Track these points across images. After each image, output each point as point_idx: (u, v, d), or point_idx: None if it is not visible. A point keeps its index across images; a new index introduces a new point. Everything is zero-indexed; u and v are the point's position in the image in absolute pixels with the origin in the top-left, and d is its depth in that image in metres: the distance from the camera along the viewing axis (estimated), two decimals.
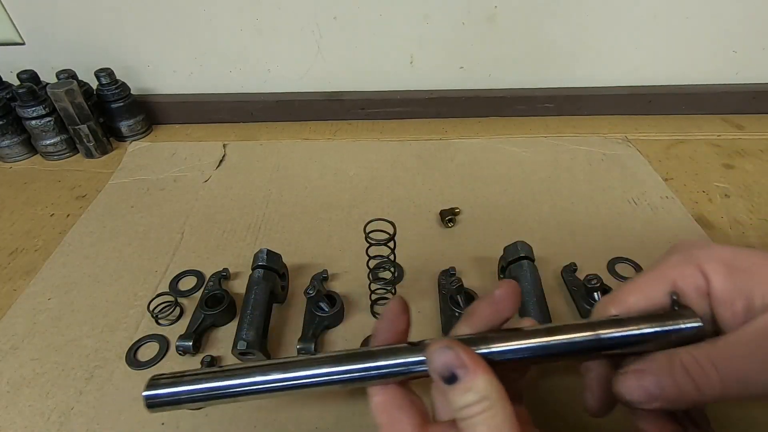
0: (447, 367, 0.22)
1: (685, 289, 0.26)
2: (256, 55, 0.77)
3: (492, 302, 0.26)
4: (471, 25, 0.73)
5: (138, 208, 0.61)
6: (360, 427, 0.37)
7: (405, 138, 0.75)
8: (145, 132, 0.77)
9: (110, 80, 0.71)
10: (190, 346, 0.42)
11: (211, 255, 0.54)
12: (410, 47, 0.76)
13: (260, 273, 0.45)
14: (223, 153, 0.71)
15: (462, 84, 0.79)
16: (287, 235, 0.56)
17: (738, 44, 0.74)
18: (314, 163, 0.69)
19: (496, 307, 0.26)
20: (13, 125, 0.69)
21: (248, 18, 0.73)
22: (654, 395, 0.23)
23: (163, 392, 0.25)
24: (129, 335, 0.45)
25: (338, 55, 0.77)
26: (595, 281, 0.44)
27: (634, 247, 0.52)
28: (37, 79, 0.71)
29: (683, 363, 0.23)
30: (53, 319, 0.47)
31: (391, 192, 0.63)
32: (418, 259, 0.52)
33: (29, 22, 0.74)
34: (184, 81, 0.80)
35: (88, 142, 0.70)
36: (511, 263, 0.46)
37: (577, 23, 0.73)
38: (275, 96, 0.79)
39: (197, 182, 0.65)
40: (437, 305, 0.47)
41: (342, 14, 0.72)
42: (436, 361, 0.22)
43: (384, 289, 0.45)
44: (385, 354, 0.24)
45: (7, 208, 0.62)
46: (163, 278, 0.51)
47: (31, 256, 0.55)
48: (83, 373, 0.42)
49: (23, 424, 0.38)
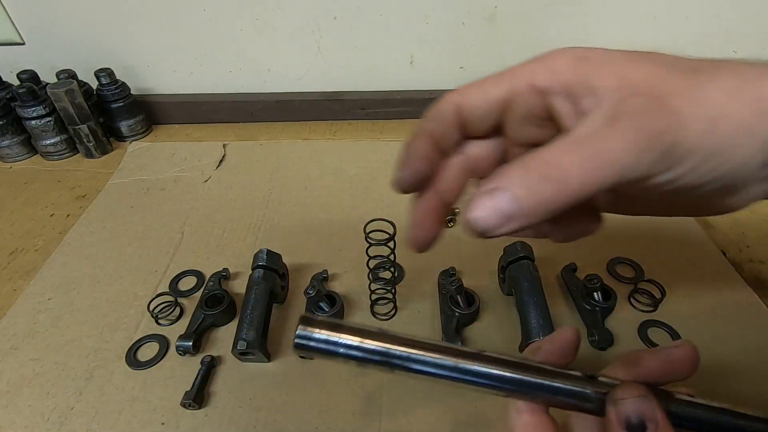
0: (640, 416, 0.21)
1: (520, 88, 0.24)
2: (256, 55, 0.77)
3: (668, 360, 0.24)
4: (471, 25, 0.73)
5: (138, 208, 0.61)
6: (360, 428, 0.37)
7: (405, 138, 0.75)
8: (145, 132, 0.77)
9: (110, 80, 0.71)
10: (190, 346, 0.42)
11: (211, 255, 0.54)
12: (410, 47, 0.76)
13: (260, 273, 0.45)
14: (223, 153, 0.71)
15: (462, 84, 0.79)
16: (287, 235, 0.56)
17: (738, 44, 0.74)
18: (314, 163, 0.69)
19: (672, 366, 0.24)
20: (13, 125, 0.69)
21: (248, 18, 0.73)
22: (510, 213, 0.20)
23: (320, 336, 0.22)
24: (129, 335, 0.45)
25: (338, 55, 0.77)
26: (595, 281, 0.44)
27: (634, 247, 0.52)
28: (37, 79, 0.71)
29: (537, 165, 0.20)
30: (53, 319, 0.47)
31: (391, 192, 0.62)
32: (418, 259, 0.51)
33: (29, 22, 0.74)
34: (184, 81, 0.80)
35: (88, 142, 0.70)
36: (511, 263, 0.46)
37: (577, 23, 0.73)
38: (275, 96, 0.79)
39: (197, 182, 0.65)
40: (437, 305, 0.47)
41: (342, 14, 0.72)
42: (630, 407, 0.21)
43: (384, 289, 0.45)
44: (561, 376, 0.23)
45: (7, 208, 0.62)
46: (163, 278, 0.51)
47: (31, 256, 0.55)
48: (83, 373, 0.42)
49: (23, 424, 0.38)
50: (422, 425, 0.38)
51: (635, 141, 0.19)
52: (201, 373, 0.41)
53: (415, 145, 0.27)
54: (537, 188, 0.20)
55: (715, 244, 0.53)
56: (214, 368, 0.42)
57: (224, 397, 0.40)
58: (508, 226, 0.20)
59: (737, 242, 0.54)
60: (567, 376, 0.23)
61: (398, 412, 0.39)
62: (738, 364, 0.41)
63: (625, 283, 0.49)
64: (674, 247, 0.53)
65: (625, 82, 0.21)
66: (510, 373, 0.23)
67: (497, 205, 0.20)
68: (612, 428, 0.22)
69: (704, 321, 0.45)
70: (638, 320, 0.45)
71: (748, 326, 0.44)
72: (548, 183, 0.19)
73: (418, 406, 0.39)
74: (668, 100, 0.20)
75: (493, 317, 0.46)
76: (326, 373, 0.41)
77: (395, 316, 0.46)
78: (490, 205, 0.20)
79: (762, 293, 0.47)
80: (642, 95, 0.20)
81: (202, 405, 0.39)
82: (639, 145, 0.19)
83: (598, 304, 0.44)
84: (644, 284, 0.47)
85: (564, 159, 0.20)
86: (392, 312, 0.46)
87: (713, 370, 0.40)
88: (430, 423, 0.38)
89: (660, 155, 0.20)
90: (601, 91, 0.22)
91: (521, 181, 0.20)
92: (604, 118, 0.20)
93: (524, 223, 0.20)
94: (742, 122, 0.20)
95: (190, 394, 0.39)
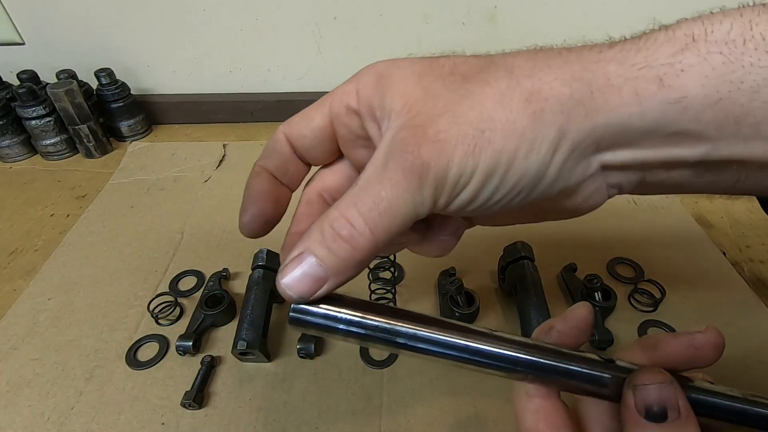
0: (662, 403, 0.20)
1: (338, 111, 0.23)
2: (256, 55, 0.77)
3: (691, 344, 0.23)
4: (471, 25, 0.73)
5: (138, 208, 0.61)
6: (360, 428, 0.37)
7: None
8: (145, 132, 0.77)
9: (110, 80, 0.71)
10: (190, 346, 0.42)
11: (211, 255, 0.53)
12: (410, 47, 0.76)
13: (260, 273, 0.45)
14: (223, 153, 0.71)
15: None
16: None
17: None
18: None
19: (694, 352, 0.23)
20: (13, 125, 0.69)
21: (248, 18, 0.73)
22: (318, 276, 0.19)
23: (318, 311, 0.21)
24: (129, 335, 0.45)
25: (338, 55, 0.77)
26: (595, 281, 0.44)
27: (634, 247, 0.52)
28: (37, 79, 0.71)
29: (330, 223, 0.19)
30: (53, 319, 0.47)
31: None
32: (418, 259, 0.51)
33: (29, 22, 0.74)
34: (184, 81, 0.80)
35: (88, 142, 0.70)
36: (511, 263, 0.46)
37: (577, 23, 0.73)
38: (275, 96, 0.79)
39: (197, 182, 0.65)
40: (437, 305, 0.47)
41: (342, 14, 0.72)
42: (652, 393, 0.20)
43: (384, 289, 0.45)
44: (577, 359, 0.22)
45: (7, 208, 0.62)
46: (163, 278, 0.51)
47: (31, 256, 0.55)
48: (83, 373, 0.42)
49: (23, 424, 0.38)
50: (422, 425, 0.38)
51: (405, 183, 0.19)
52: (201, 373, 0.41)
53: (254, 186, 0.25)
54: (334, 248, 0.19)
55: (715, 244, 0.53)
56: (214, 368, 0.42)
57: (224, 397, 0.40)
58: (323, 288, 0.20)
59: (737, 242, 0.54)
60: (584, 360, 0.22)
61: (398, 412, 0.39)
62: (738, 365, 0.41)
63: (625, 283, 0.49)
64: (674, 247, 0.53)
65: (406, 105, 0.20)
66: (524, 355, 0.22)
67: (306, 271, 0.19)
68: (629, 415, 0.20)
69: (704, 321, 0.45)
70: (638, 320, 0.45)
71: (748, 326, 0.44)
72: (342, 242, 0.19)
73: (418, 406, 0.39)
74: (432, 126, 0.19)
75: (493, 317, 0.46)
76: (326, 373, 0.41)
77: None
78: (300, 271, 0.19)
79: (762, 293, 0.48)
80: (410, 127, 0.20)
81: (202, 405, 0.39)
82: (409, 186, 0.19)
83: (598, 304, 0.44)
84: (644, 284, 0.47)
85: (350, 215, 0.19)
86: None
87: (713, 371, 0.40)
88: (430, 423, 0.38)
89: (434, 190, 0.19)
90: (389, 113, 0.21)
91: (320, 244, 0.19)
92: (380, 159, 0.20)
93: (338, 282, 0.20)
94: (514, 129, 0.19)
95: (190, 394, 0.39)
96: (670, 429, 0.20)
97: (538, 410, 0.23)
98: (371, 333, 0.21)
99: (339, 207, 0.20)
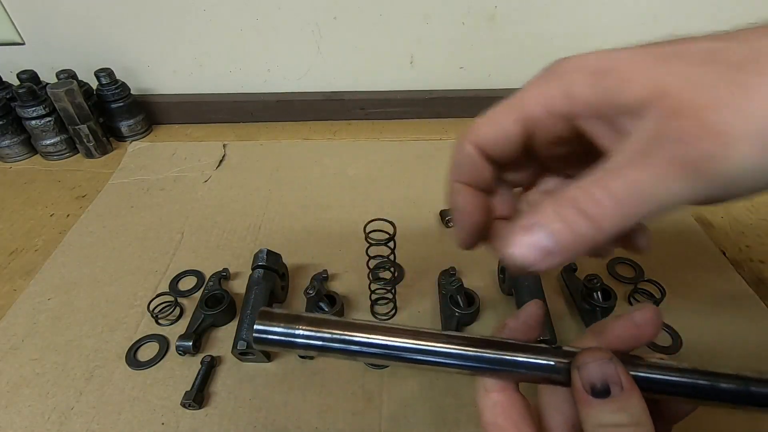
0: (604, 379, 0.21)
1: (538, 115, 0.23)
2: (256, 55, 0.77)
3: (632, 324, 0.24)
4: (471, 25, 0.73)
5: (138, 208, 0.61)
6: (360, 428, 0.37)
7: (405, 138, 0.75)
8: (145, 132, 0.77)
9: (110, 80, 0.71)
10: (190, 346, 0.42)
11: (211, 255, 0.53)
12: (410, 47, 0.76)
13: (260, 273, 0.45)
14: (223, 153, 0.71)
15: (462, 84, 0.79)
16: (287, 235, 0.56)
17: None
18: (314, 163, 0.69)
19: (637, 330, 0.24)
20: (13, 125, 0.69)
21: (248, 18, 0.73)
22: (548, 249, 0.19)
23: (277, 329, 0.22)
24: (129, 335, 0.45)
25: (338, 55, 0.77)
26: (595, 281, 0.44)
27: None
28: (37, 79, 0.71)
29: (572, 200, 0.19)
30: (53, 319, 0.47)
31: (391, 192, 0.63)
32: (418, 259, 0.52)
33: (29, 22, 0.74)
34: (184, 81, 0.80)
35: (88, 142, 0.70)
36: None
37: (577, 23, 0.73)
38: (275, 96, 0.79)
39: (197, 182, 0.65)
40: (437, 305, 0.47)
41: (342, 14, 0.72)
42: (593, 371, 0.21)
43: (384, 289, 0.45)
44: (524, 349, 0.23)
45: (7, 208, 0.62)
46: (163, 278, 0.51)
47: (31, 256, 0.55)
48: (83, 373, 0.42)
49: (23, 424, 0.38)
50: (422, 425, 0.38)
51: (674, 173, 0.18)
52: (201, 373, 0.41)
53: (460, 204, 0.26)
54: (573, 224, 0.19)
55: (715, 243, 0.53)
56: (214, 368, 0.42)
57: (224, 397, 0.40)
58: (548, 262, 0.19)
59: (737, 242, 0.54)
60: (531, 349, 0.23)
61: (398, 412, 0.39)
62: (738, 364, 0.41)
63: (625, 283, 0.49)
64: (674, 247, 0.53)
65: (658, 93, 0.19)
66: (470, 351, 0.23)
67: (535, 241, 0.19)
68: (578, 396, 0.21)
69: (704, 321, 0.45)
70: None
71: (748, 326, 0.44)
72: (584, 218, 0.19)
73: (418, 407, 0.39)
74: (712, 117, 0.18)
75: (493, 317, 0.46)
76: (326, 373, 0.41)
77: (395, 316, 0.46)
78: (528, 241, 0.19)
79: (762, 293, 0.48)
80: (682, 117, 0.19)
81: (202, 405, 0.39)
82: (678, 176, 0.18)
83: (598, 304, 0.44)
84: (644, 284, 0.47)
85: (598, 193, 0.19)
86: (392, 312, 0.46)
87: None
88: (430, 423, 0.38)
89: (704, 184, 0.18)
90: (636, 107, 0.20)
91: (557, 217, 0.19)
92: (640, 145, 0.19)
93: (564, 258, 0.19)
94: None
95: (190, 394, 0.39)
96: (614, 403, 0.20)
97: (496, 405, 0.23)
98: (327, 344, 0.23)
99: (581, 186, 0.19)
